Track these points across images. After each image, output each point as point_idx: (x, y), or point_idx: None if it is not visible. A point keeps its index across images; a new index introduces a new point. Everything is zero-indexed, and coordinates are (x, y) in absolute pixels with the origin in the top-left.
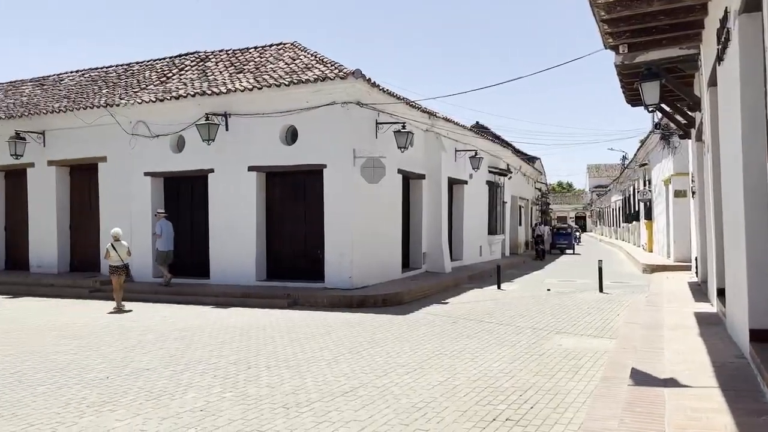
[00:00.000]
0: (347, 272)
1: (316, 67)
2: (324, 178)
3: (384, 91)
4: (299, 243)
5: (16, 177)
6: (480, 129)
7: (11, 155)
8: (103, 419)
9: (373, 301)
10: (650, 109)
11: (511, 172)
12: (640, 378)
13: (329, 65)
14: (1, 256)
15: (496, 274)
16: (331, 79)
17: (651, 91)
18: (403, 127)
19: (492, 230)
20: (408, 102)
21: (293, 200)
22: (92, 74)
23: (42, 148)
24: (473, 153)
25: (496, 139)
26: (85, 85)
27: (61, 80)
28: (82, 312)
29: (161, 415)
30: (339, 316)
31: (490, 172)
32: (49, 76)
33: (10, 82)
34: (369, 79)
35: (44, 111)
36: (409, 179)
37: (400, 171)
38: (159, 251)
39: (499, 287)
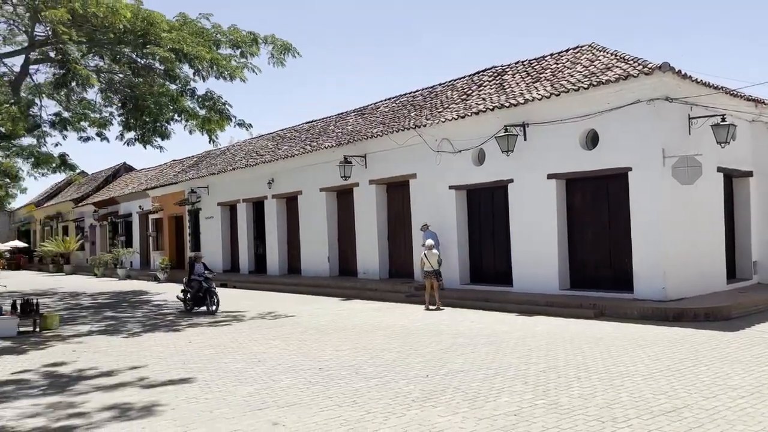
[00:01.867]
0: (660, 282)
1: (617, 66)
2: (629, 181)
3: (697, 82)
4: (603, 251)
5: (345, 196)
6: None
7: (341, 177)
8: (426, 414)
9: (693, 315)
10: None
11: None
12: None
13: (631, 62)
14: (336, 264)
15: None
16: (634, 77)
17: None
18: (723, 119)
19: None
20: (728, 91)
21: (595, 206)
22: (402, 100)
23: (364, 169)
24: None
25: None
26: (397, 110)
27: (377, 108)
28: (401, 314)
29: (477, 415)
30: (652, 330)
31: None
32: (368, 105)
33: (338, 114)
34: (679, 71)
35: (365, 137)
36: (731, 178)
37: (720, 169)
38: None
39: None
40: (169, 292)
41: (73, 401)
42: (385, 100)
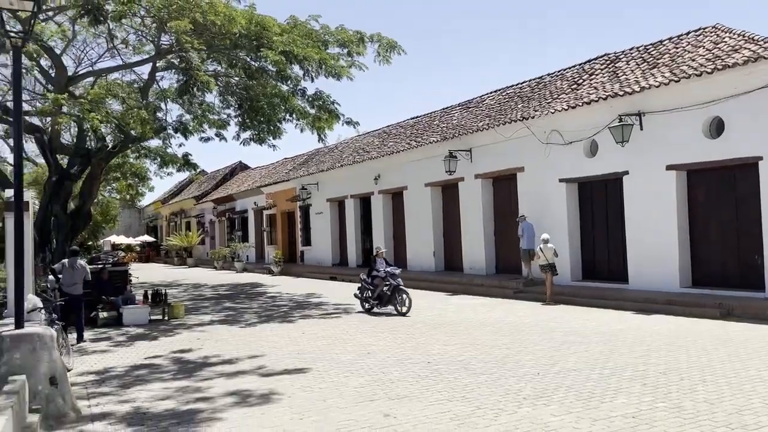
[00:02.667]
0: None
1: (745, 48)
2: (759, 172)
3: None
4: (730, 247)
5: (450, 190)
6: None
7: (446, 172)
8: (538, 412)
9: None
10: None
11: None
12: None
13: (761, 43)
14: (441, 259)
15: None
16: (765, 59)
17: None
18: None
19: None
20: None
21: (720, 199)
22: (508, 92)
23: (470, 163)
24: None
25: None
26: (503, 102)
27: (483, 101)
28: (509, 311)
29: (592, 416)
30: None
31: None
32: (473, 99)
33: (443, 109)
34: None
35: (470, 131)
36: None
37: None
38: (522, 250)
39: None
40: (282, 285)
41: (199, 386)
42: (491, 92)
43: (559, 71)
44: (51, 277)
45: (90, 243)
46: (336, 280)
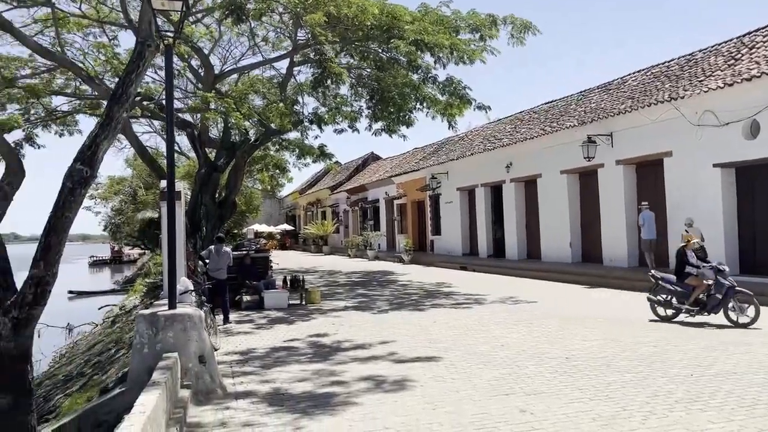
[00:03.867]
0: None
1: None
2: None
3: None
4: None
5: (588, 177)
6: None
7: (584, 158)
8: (693, 417)
9: None
10: None
11: None
12: None
13: None
14: (578, 250)
15: None
16: None
17: None
18: None
19: None
20: None
21: None
22: (653, 71)
23: (610, 148)
24: None
25: None
26: (647, 83)
27: (624, 82)
28: None
29: (758, 425)
30: None
31: None
32: (613, 80)
33: (580, 92)
34: None
35: (611, 114)
36: None
37: None
38: (643, 240)
39: None
40: (413, 273)
41: (333, 369)
42: (633, 73)
43: (712, 47)
44: (200, 262)
45: (235, 231)
46: (466, 270)
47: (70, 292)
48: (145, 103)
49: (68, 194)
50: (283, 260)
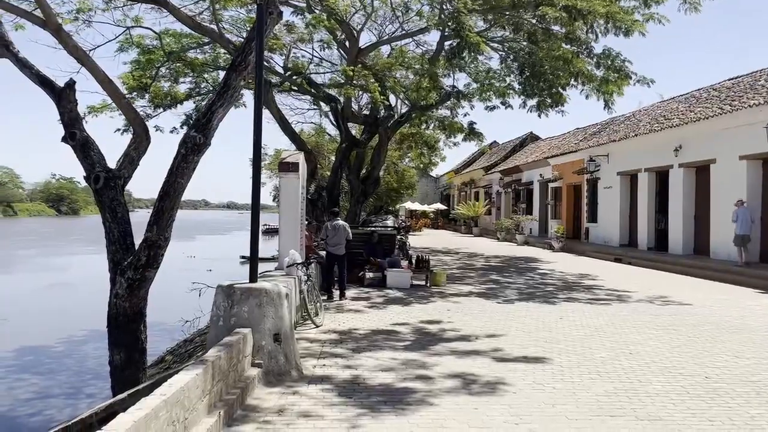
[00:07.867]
0: None
1: None
2: None
3: None
4: None
5: None
6: None
7: None
8: None
9: None
10: None
11: None
12: None
13: None
14: (756, 248)
15: None
16: None
17: None
18: None
19: None
20: None
21: None
22: None
23: None
24: None
25: None
26: None
27: None
28: None
29: None
30: None
31: None
32: None
33: None
34: None
35: None
36: None
37: None
38: (736, 235)
39: None
40: (559, 262)
41: (425, 361)
42: None
43: None
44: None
45: (390, 208)
46: (621, 262)
47: (242, 257)
48: (294, 77)
49: (181, 160)
50: (429, 240)
